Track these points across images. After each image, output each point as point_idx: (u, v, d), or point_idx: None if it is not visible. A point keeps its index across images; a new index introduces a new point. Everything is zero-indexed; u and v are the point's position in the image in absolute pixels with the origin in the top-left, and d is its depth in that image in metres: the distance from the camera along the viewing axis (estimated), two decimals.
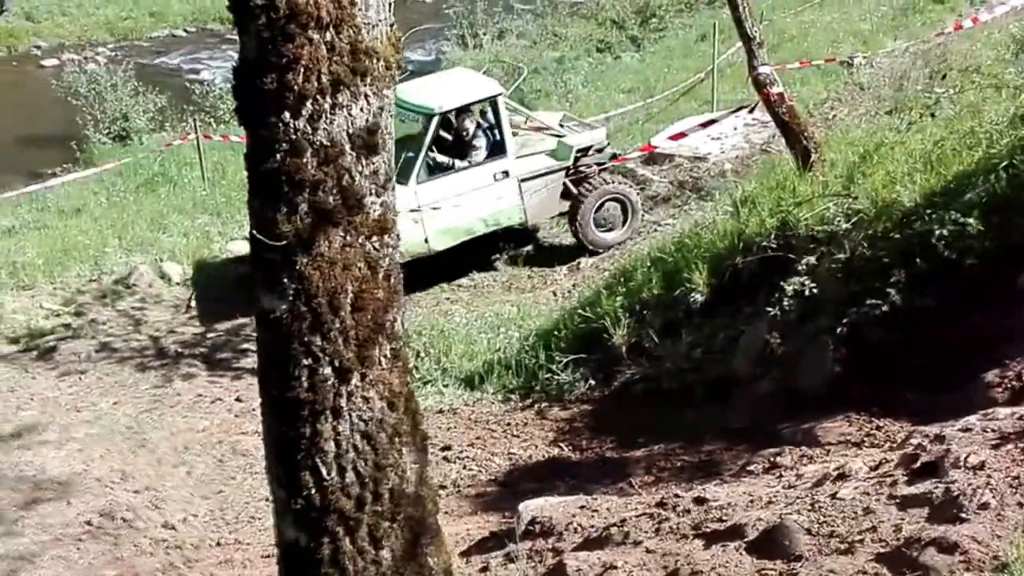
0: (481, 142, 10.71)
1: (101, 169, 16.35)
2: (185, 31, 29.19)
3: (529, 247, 11.31)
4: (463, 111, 10.67)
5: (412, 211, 9.85)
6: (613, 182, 11.08)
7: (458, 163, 10.66)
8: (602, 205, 10.86)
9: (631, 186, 11.27)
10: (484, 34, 22.91)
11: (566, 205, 11.07)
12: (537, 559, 4.33)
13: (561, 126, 11.64)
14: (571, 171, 10.98)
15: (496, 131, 10.81)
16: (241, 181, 11.06)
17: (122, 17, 29.34)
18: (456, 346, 8.82)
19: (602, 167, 11.22)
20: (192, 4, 30.07)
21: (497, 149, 10.75)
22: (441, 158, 10.47)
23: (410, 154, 10.06)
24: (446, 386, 8.28)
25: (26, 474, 7.54)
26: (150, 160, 16.65)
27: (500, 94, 11.05)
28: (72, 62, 21.65)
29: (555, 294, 10.23)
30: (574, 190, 10.93)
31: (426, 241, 10.24)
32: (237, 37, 2.71)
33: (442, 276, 10.70)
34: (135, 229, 12.55)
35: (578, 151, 11.04)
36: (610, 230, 10.91)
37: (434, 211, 10.18)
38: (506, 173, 10.69)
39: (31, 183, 15.63)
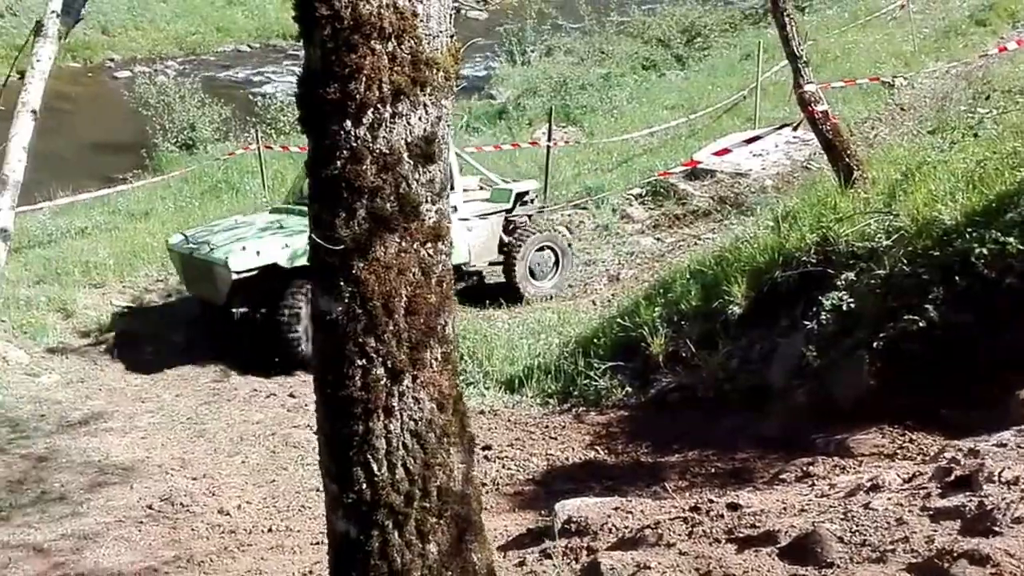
0: None
1: (168, 176, 16.82)
2: (249, 46, 29.81)
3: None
4: None
5: None
6: (546, 231, 11.07)
7: None
8: (537, 251, 10.80)
9: (563, 235, 11.28)
10: (532, 51, 23.07)
11: (501, 255, 11.01)
12: (572, 557, 4.36)
13: (481, 188, 11.53)
14: (507, 216, 10.94)
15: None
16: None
17: (191, 32, 30.09)
18: (498, 350, 8.99)
19: (533, 215, 11.24)
20: (257, 21, 30.74)
21: None
22: None
23: None
24: (487, 388, 8.42)
25: (92, 459, 7.84)
26: (214, 168, 17.11)
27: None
28: (143, 74, 22.19)
29: (595, 303, 10.32)
30: (506, 238, 10.94)
31: None
32: (298, 53, 2.75)
33: None
34: None
35: (515, 196, 11.02)
36: (544, 278, 10.85)
37: None
38: (454, 208, 10.27)
39: (103, 187, 16.08)
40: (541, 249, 10.90)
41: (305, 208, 10.70)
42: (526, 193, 11.26)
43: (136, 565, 6.21)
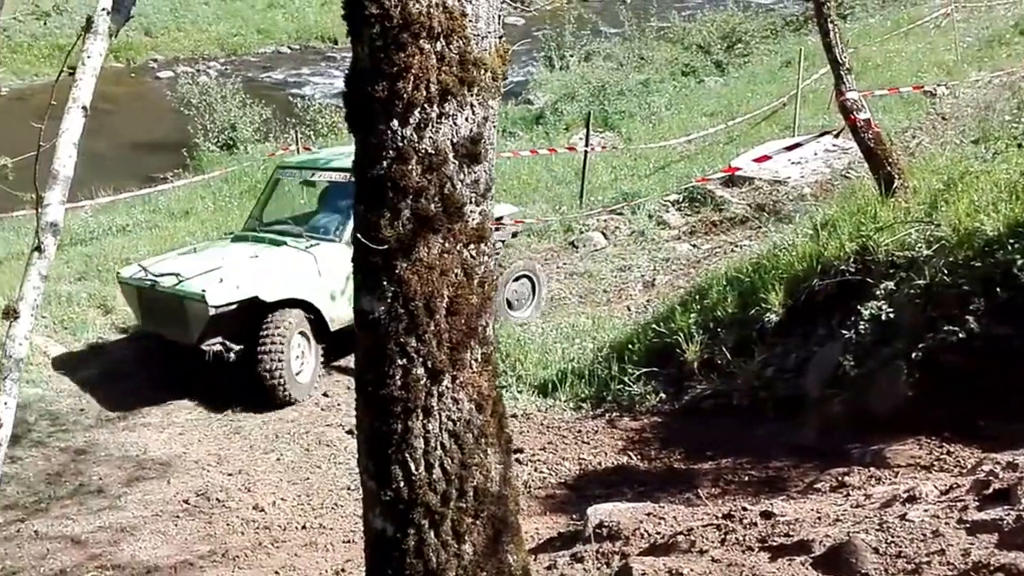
0: None
1: (209, 176, 17.01)
2: (289, 48, 30.18)
3: None
4: None
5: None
6: (523, 258, 10.78)
7: None
8: (513, 281, 10.43)
9: (539, 263, 10.96)
10: (571, 56, 23.08)
11: None
12: (603, 561, 4.36)
13: None
14: None
15: None
16: None
17: (232, 34, 30.53)
18: (531, 354, 8.98)
19: (507, 240, 10.96)
20: (297, 23, 31.12)
21: None
22: None
23: (341, 213, 9.52)
24: (520, 392, 8.42)
25: (130, 454, 7.98)
26: (254, 168, 17.31)
27: None
28: (185, 74, 22.51)
29: (629, 309, 10.29)
30: None
31: None
32: (336, 55, 2.75)
33: None
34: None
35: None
36: (520, 308, 10.51)
37: None
38: None
39: (145, 186, 16.30)
40: (518, 279, 10.48)
41: (272, 234, 9.46)
42: (500, 219, 10.54)
43: (172, 558, 6.30)
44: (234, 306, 8.65)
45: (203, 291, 8.51)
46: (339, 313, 9.13)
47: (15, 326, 2.26)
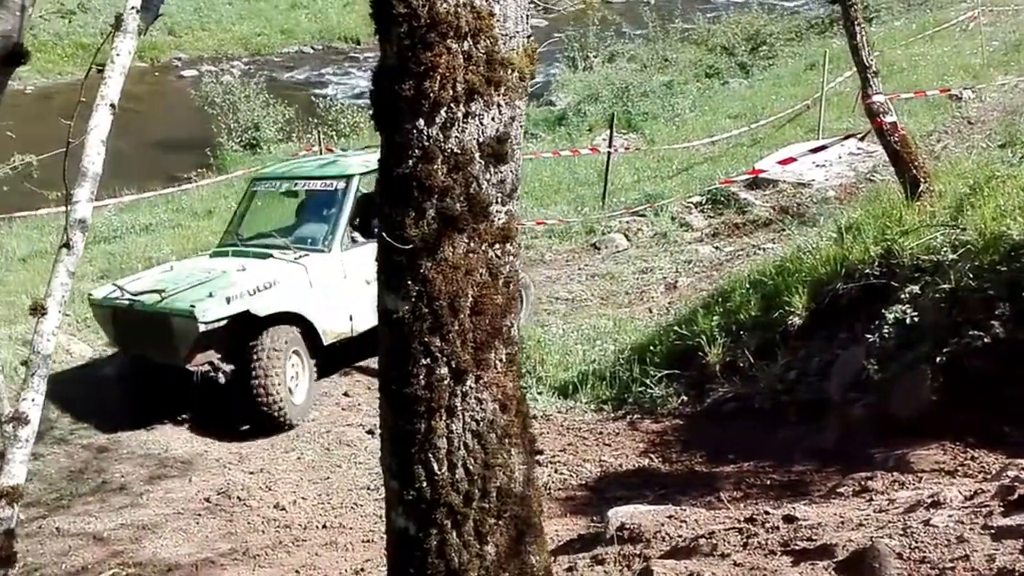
0: None
1: (232, 175, 17.07)
2: (312, 48, 30.36)
3: None
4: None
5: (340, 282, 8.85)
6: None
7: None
8: None
9: (528, 276, 10.75)
10: (595, 57, 23.06)
11: None
12: (624, 563, 4.34)
13: None
14: None
15: None
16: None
17: (256, 33, 30.75)
18: (552, 356, 8.97)
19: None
20: (320, 23, 31.30)
21: None
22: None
23: (328, 222, 9.17)
24: (540, 393, 8.40)
25: (152, 452, 8.02)
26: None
27: None
28: (209, 74, 22.59)
29: (651, 311, 10.26)
30: None
31: (350, 319, 8.98)
32: (358, 56, 2.73)
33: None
34: None
35: None
36: None
37: (362, 283, 8.67)
38: None
39: (168, 185, 16.39)
40: None
41: (255, 248, 8.94)
42: None
43: (193, 556, 6.33)
44: (224, 322, 8.01)
45: (192, 307, 7.89)
46: (332, 326, 8.81)
47: (43, 322, 2.28)
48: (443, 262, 2.73)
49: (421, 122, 2.68)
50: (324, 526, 6.64)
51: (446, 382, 2.80)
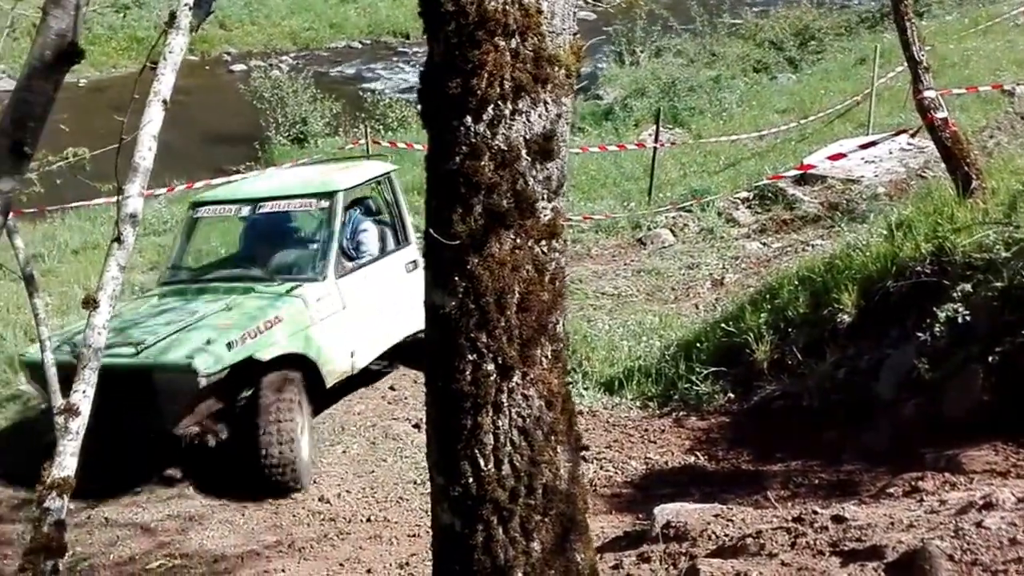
0: (374, 233, 8.70)
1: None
2: (360, 43, 30.52)
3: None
4: (358, 198, 8.84)
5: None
6: None
7: (367, 253, 8.53)
8: None
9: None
10: (642, 51, 22.95)
11: None
12: (670, 562, 4.34)
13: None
14: None
15: (394, 216, 8.91)
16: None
17: (305, 28, 31.00)
18: (598, 351, 8.95)
19: None
20: (368, 18, 31.46)
21: (399, 237, 8.85)
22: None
23: (314, 246, 8.16)
24: (586, 389, 8.38)
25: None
26: None
27: (395, 169, 9.19)
28: (258, 68, 22.73)
29: (697, 307, 10.20)
30: None
31: (351, 355, 7.97)
32: (407, 50, 2.73)
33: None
34: None
35: None
36: None
37: (361, 312, 7.92)
38: (415, 264, 8.55)
39: (217, 177, 16.56)
40: None
41: (224, 283, 7.96)
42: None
43: (239, 548, 6.39)
44: (224, 373, 6.75)
45: (190, 358, 6.58)
46: (335, 365, 7.78)
47: (95, 316, 2.31)
48: (490, 258, 2.74)
49: (468, 119, 2.69)
50: (369, 519, 6.68)
51: (492, 378, 2.79)
